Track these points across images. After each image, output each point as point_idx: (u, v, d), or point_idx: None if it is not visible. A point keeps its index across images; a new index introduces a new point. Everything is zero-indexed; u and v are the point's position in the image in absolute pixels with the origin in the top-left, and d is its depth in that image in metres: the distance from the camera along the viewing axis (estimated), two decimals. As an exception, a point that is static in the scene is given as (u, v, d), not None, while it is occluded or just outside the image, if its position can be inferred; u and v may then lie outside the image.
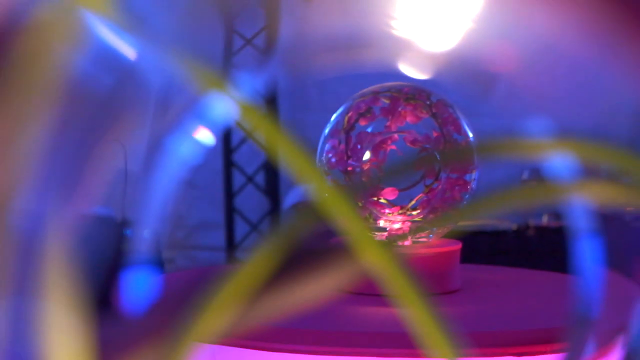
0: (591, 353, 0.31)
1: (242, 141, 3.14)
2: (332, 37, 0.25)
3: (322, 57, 0.26)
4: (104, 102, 0.16)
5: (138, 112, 0.19)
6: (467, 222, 2.50)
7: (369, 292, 0.96)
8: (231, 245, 3.17)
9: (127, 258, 0.29)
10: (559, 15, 0.15)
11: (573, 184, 0.22)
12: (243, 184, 3.23)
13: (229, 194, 3.24)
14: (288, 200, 3.10)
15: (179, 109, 0.24)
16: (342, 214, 0.21)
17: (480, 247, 2.51)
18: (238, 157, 3.18)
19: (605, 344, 0.32)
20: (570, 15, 0.13)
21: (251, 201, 3.26)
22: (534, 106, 0.23)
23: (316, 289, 0.22)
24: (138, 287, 0.27)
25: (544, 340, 0.83)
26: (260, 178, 3.25)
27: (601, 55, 0.17)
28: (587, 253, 0.29)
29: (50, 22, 0.13)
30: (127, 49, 0.17)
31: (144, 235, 0.31)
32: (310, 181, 0.21)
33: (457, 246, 1.07)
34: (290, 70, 0.29)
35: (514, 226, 2.91)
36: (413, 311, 0.22)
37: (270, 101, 2.87)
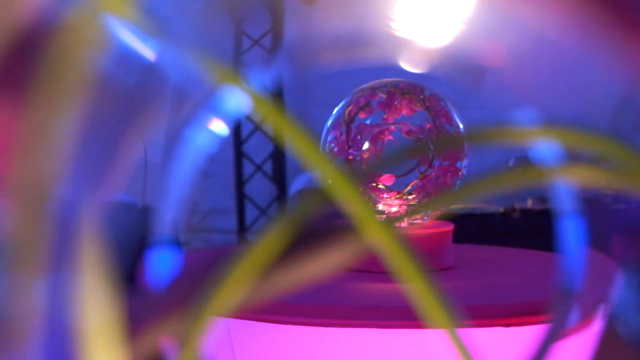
0: (574, 323, 0.31)
1: (251, 133, 3.15)
2: (334, 37, 0.25)
3: (324, 55, 0.26)
4: (127, 97, 0.16)
5: (158, 107, 0.19)
6: (458, 206, 2.50)
7: (371, 269, 0.97)
8: (242, 228, 3.17)
9: (149, 240, 0.29)
10: (545, 9, 0.15)
11: (557, 168, 0.22)
12: (252, 172, 3.23)
13: (240, 182, 3.24)
14: (294, 186, 3.08)
15: (195, 102, 0.24)
16: (346, 196, 0.21)
17: (470, 228, 2.51)
18: (247, 147, 3.19)
19: (586, 315, 0.32)
20: (556, 9, 0.13)
21: (260, 188, 3.26)
22: (521, 98, 0.23)
23: (322, 266, 0.22)
24: (160, 265, 0.27)
25: (530, 312, 0.83)
26: (268, 167, 3.25)
27: (586, 48, 0.17)
28: (570, 232, 0.29)
29: (77, 24, 0.13)
30: (147, 49, 0.17)
31: (164, 220, 0.31)
32: (316, 166, 0.21)
33: (450, 227, 1.08)
34: (294, 67, 0.29)
35: (500, 209, 2.91)
36: (413, 285, 0.21)
37: (277, 96, 2.87)
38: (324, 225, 0.22)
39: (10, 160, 0.12)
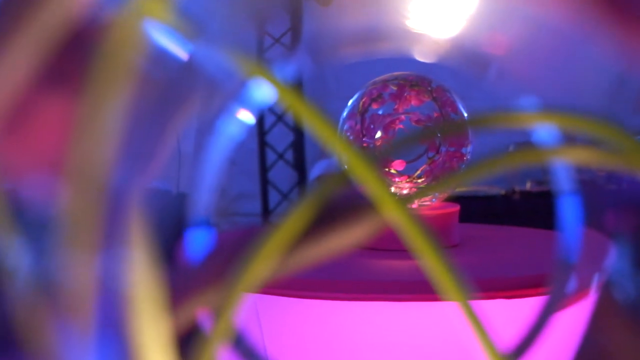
0: (571, 295, 0.31)
1: (274, 124, 3.16)
2: (348, 33, 0.25)
3: (340, 51, 0.26)
4: (165, 90, 0.17)
5: (192, 99, 0.19)
6: (463, 189, 2.49)
7: (388, 247, 0.97)
8: (266, 211, 3.18)
9: (184, 223, 0.30)
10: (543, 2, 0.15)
11: (555, 150, 0.22)
12: (275, 160, 3.23)
13: (263, 169, 3.24)
14: (313, 173, 3.11)
15: (225, 94, 0.24)
16: (364, 177, 0.21)
17: (474, 210, 2.49)
18: (270, 138, 3.20)
19: (582, 288, 0.32)
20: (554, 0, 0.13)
21: (282, 175, 3.26)
22: (523, 87, 0.23)
23: (342, 242, 0.22)
24: (195, 245, 0.28)
25: (531, 284, 0.83)
26: (289, 155, 3.25)
27: (584, 36, 0.17)
28: (568, 210, 0.29)
29: (123, 23, 0.13)
30: (180, 47, 0.17)
31: (197, 205, 0.31)
32: (337, 150, 0.21)
33: (456, 208, 1.08)
34: (312, 63, 0.29)
35: (502, 192, 2.90)
36: (428, 260, 0.21)
37: (297, 89, 2.86)
38: (345, 204, 0.22)
39: (67, 145, 0.12)
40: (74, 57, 0.13)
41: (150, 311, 0.14)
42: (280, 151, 3.22)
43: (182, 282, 0.21)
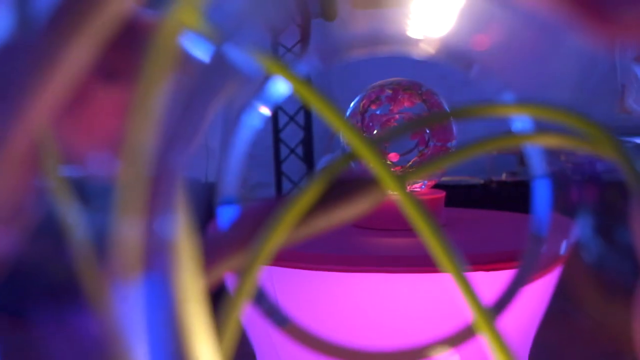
0: (541, 268, 0.31)
1: (286, 124, 3.17)
2: (351, 40, 0.25)
3: (343, 56, 0.26)
4: (198, 86, 0.17)
5: (222, 93, 0.19)
6: (448, 178, 2.47)
7: (384, 227, 0.97)
8: (279, 198, 3.20)
9: (213, 208, 0.30)
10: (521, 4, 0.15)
11: (529, 137, 0.22)
12: (287, 154, 3.24)
13: (278, 162, 3.25)
14: (319, 165, 3.13)
15: (248, 91, 0.24)
16: (369, 158, 0.21)
17: (457, 197, 2.49)
18: (283, 135, 3.21)
19: (550, 262, 0.32)
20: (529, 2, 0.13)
21: (293, 167, 3.27)
22: (502, 82, 0.22)
23: (348, 213, 0.22)
24: (223, 220, 0.28)
25: (506, 259, 0.83)
26: (299, 150, 3.26)
27: (557, 35, 0.17)
28: (540, 192, 0.29)
29: (166, 25, 0.13)
30: (208, 48, 0.17)
31: (224, 191, 0.31)
32: (347, 135, 0.21)
33: (442, 194, 1.08)
34: (318, 69, 0.29)
35: (481, 181, 2.90)
36: (426, 235, 0.21)
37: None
38: (352, 180, 0.22)
39: (123, 126, 0.12)
40: (126, 53, 0.14)
41: (189, 268, 0.14)
42: (292, 147, 3.23)
43: (212, 246, 0.21)
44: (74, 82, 0.13)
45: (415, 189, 1.07)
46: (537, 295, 0.87)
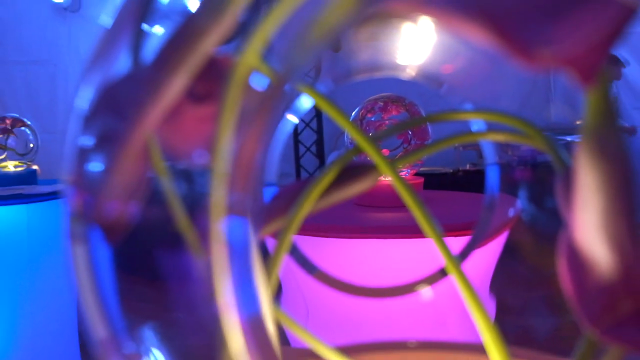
0: (492, 231, 0.32)
1: (304, 128, 3.18)
2: (354, 67, 0.26)
3: (348, 79, 0.27)
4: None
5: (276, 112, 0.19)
6: (425, 169, 2.45)
7: (384, 205, 0.97)
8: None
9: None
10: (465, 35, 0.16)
11: (483, 135, 0.23)
12: (304, 151, 3.24)
13: (297, 157, 3.25)
14: (328, 160, 3.14)
15: (285, 104, 0.25)
16: (370, 151, 0.21)
17: (432, 182, 2.48)
18: (301, 137, 3.21)
19: (501, 227, 0.32)
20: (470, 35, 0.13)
21: (309, 161, 3.26)
22: (465, 96, 0.23)
23: (355, 190, 0.23)
24: (267, 196, 0.29)
25: (470, 227, 0.83)
26: (313, 148, 3.25)
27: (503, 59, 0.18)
28: (492, 174, 0.30)
29: (240, 60, 0.14)
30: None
31: (267, 177, 0.32)
32: (355, 135, 0.22)
33: (421, 180, 1.08)
34: (328, 89, 0.29)
35: (450, 170, 2.89)
36: (413, 208, 0.21)
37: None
38: (356, 166, 0.23)
39: (209, 131, 0.13)
40: (209, 81, 0.15)
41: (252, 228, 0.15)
42: (307, 146, 3.23)
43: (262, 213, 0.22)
44: (173, 102, 0.14)
45: (402, 175, 1.08)
46: (491, 250, 0.88)
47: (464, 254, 0.25)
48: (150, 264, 0.16)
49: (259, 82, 0.14)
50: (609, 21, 0.10)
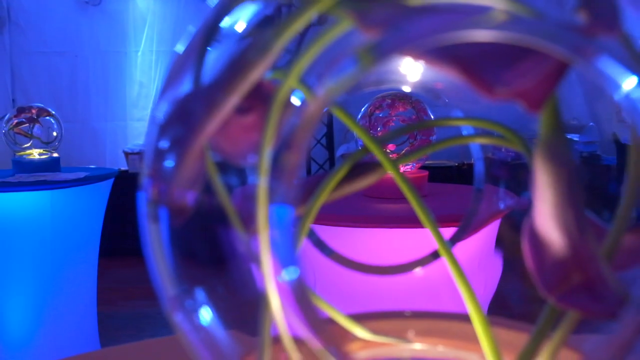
0: (482, 222, 0.34)
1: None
2: (366, 80, 0.29)
3: (360, 90, 0.30)
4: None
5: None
6: (432, 162, 2.46)
7: (386, 196, 1.01)
8: (309, 175, 3.22)
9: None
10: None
11: (472, 138, 0.26)
12: (315, 144, 3.26)
13: (307, 149, 3.27)
14: (338, 152, 3.16)
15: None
16: (375, 150, 0.25)
17: (438, 176, 2.51)
18: (311, 130, 3.22)
19: (487, 220, 0.35)
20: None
21: (319, 153, 3.29)
22: (457, 105, 0.26)
23: (362, 184, 0.26)
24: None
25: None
26: (323, 141, 3.27)
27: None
28: (479, 169, 0.32)
29: (283, 86, 0.17)
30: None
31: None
32: (364, 138, 0.25)
33: (426, 173, 1.11)
34: (345, 98, 0.32)
35: (456, 164, 2.90)
36: (414, 202, 0.24)
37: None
38: (364, 164, 0.25)
39: (254, 138, 0.17)
40: (254, 97, 0.18)
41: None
42: (318, 138, 3.26)
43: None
44: (227, 115, 0.18)
45: (407, 170, 1.11)
46: (481, 240, 0.91)
47: (454, 239, 0.29)
48: (205, 239, 0.20)
49: (299, 101, 0.17)
50: (548, 68, 0.14)
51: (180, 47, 0.18)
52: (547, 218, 0.17)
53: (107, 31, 3.59)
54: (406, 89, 0.26)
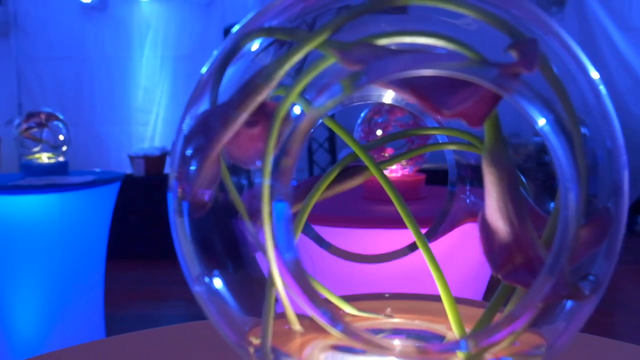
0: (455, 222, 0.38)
1: (316, 127, 3.22)
2: (350, 99, 0.33)
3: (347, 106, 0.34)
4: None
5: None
6: (430, 165, 2.49)
7: (378, 198, 1.04)
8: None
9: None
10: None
11: (445, 145, 0.30)
12: (317, 147, 3.29)
13: (310, 153, 3.29)
14: (340, 156, 3.20)
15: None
16: (363, 156, 0.29)
17: (436, 179, 2.51)
18: (314, 134, 3.25)
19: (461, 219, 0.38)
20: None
21: (321, 156, 3.32)
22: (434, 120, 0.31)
23: (352, 183, 0.30)
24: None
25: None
26: (326, 144, 3.30)
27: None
28: (451, 174, 0.36)
29: (282, 105, 0.22)
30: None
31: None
32: (352, 145, 0.29)
33: (423, 176, 1.14)
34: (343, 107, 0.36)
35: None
36: (399, 206, 0.28)
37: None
38: (352, 167, 0.29)
39: (259, 146, 0.21)
40: (259, 113, 0.23)
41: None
42: (320, 141, 3.29)
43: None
44: (238, 128, 0.22)
45: (405, 173, 1.14)
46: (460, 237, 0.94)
47: (428, 234, 0.33)
48: (220, 229, 0.25)
49: (296, 115, 0.21)
50: (484, 95, 0.18)
51: (204, 70, 0.23)
52: (493, 210, 0.21)
53: (112, 36, 3.64)
54: (387, 102, 0.30)
